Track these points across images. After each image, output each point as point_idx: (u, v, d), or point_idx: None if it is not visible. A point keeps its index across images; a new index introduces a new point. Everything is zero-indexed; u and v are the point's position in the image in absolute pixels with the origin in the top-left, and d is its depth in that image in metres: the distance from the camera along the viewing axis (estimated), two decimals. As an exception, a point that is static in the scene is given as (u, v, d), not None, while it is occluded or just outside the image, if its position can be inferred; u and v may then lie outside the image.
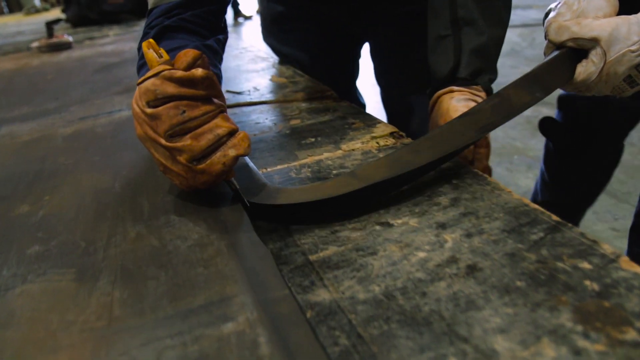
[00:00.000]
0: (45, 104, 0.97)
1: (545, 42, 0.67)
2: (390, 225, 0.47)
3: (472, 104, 0.67)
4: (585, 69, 0.63)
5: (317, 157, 0.63)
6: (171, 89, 0.46)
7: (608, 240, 1.54)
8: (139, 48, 0.67)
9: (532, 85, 0.62)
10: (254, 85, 1.00)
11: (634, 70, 0.61)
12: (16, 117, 0.90)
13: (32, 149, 0.72)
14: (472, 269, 0.40)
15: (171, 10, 0.67)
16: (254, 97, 0.92)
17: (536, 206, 0.48)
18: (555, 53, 0.65)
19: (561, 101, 1.15)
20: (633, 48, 0.59)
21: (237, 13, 7.58)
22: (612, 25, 0.60)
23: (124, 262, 0.41)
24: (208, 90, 0.48)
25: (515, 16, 5.92)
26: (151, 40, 0.54)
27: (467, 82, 0.72)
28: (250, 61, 1.22)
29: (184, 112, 0.46)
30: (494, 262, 0.41)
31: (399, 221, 0.48)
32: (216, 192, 0.54)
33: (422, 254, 0.43)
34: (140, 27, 2.29)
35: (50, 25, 1.66)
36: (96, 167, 0.62)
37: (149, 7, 0.71)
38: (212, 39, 0.70)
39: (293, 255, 0.44)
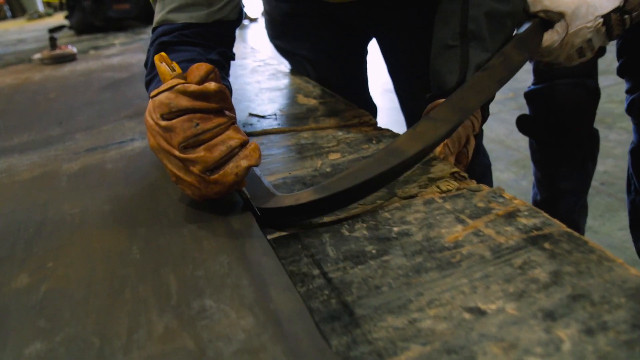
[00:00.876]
0: (47, 129, 0.88)
1: None
2: (482, 313, 0.38)
3: (468, 124, 0.72)
4: (550, 37, 0.78)
5: (369, 207, 0.54)
6: (185, 102, 0.48)
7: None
8: (146, 63, 0.71)
9: (521, 47, 0.75)
10: (279, 107, 0.90)
11: (585, 43, 0.78)
12: (15, 146, 0.81)
13: (32, 190, 0.63)
14: (610, 390, 0.31)
15: (173, 31, 0.69)
16: (282, 123, 0.82)
17: (664, 287, 0.39)
18: (530, 23, 0.79)
19: (527, 96, 1.28)
20: (588, 25, 0.76)
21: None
22: (575, 3, 0.75)
23: (152, 375, 0.32)
24: (220, 103, 0.50)
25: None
26: (163, 54, 0.54)
27: None
28: (271, 77, 1.13)
29: (198, 124, 0.47)
30: (637, 378, 0.31)
31: (493, 307, 0.38)
32: (229, 201, 0.54)
33: (535, 362, 0.33)
34: (147, 34, 2.21)
35: (53, 36, 1.57)
36: (108, 220, 0.53)
37: (153, 25, 0.73)
38: (216, 52, 0.71)
39: (366, 357, 0.35)
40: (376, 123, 0.79)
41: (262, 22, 7.99)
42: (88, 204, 0.57)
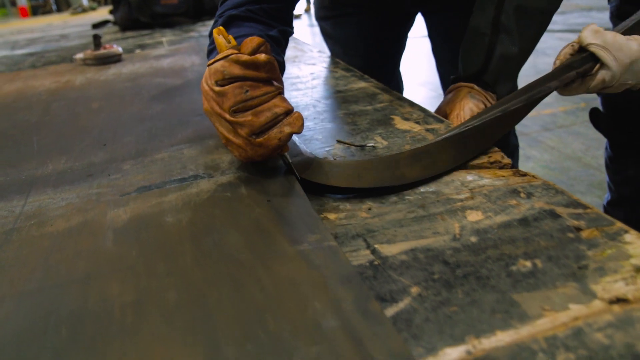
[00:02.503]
0: (88, 153, 0.72)
1: None
2: None
3: (482, 107, 0.77)
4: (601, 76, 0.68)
5: (564, 317, 0.36)
6: (237, 70, 0.53)
7: None
8: (210, 34, 0.73)
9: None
10: (374, 133, 0.73)
11: None
12: (50, 176, 0.66)
13: (68, 252, 0.47)
14: None
15: (242, 4, 0.74)
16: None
17: None
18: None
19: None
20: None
21: None
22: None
23: None
24: (269, 73, 0.54)
25: (589, 19, 5.51)
26: (221, 27, 0.59)
27: (487, 87, 0.81)
28: (353, 91, 0.96)
29: (247, 91, 0.53)
30: None
31: None
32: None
33: None
34: (195, 32, 2.07)
35: (97, 34, 1.43)
36: (175, 321, 0.36)
37: None
38: (277, 30, 0.75)
39: None
40: (510, 163, 0.61)
41: (304, 18, 7.95)
42: (144, 287, 0.40)
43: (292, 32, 0.82)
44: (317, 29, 6.99)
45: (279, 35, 0.75)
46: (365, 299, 0.36)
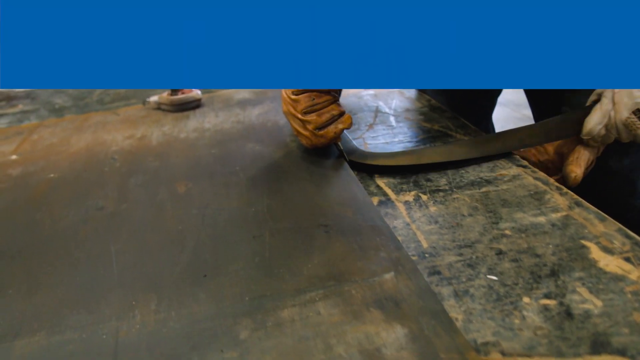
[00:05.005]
0: (186, 293, 0.55)
1: None
2: None
3: (594, 158, 0.77)
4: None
5: None
6: None
7: None
8: None
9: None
10: (573, 277, 0.53)
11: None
12: (138, 340, 0.49)
13: None
14: None
15: None
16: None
17: None
18: None
19: None
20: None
21: None
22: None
23: None
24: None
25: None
26: None
27: None
28: (517, 191, 0.75)
29: (314, 99, 0.77)
30: None
31: None
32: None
33: None
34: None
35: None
36: None
37: None
38: None
39: None
40: None
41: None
42: None
43: None
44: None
45: None
46: None
